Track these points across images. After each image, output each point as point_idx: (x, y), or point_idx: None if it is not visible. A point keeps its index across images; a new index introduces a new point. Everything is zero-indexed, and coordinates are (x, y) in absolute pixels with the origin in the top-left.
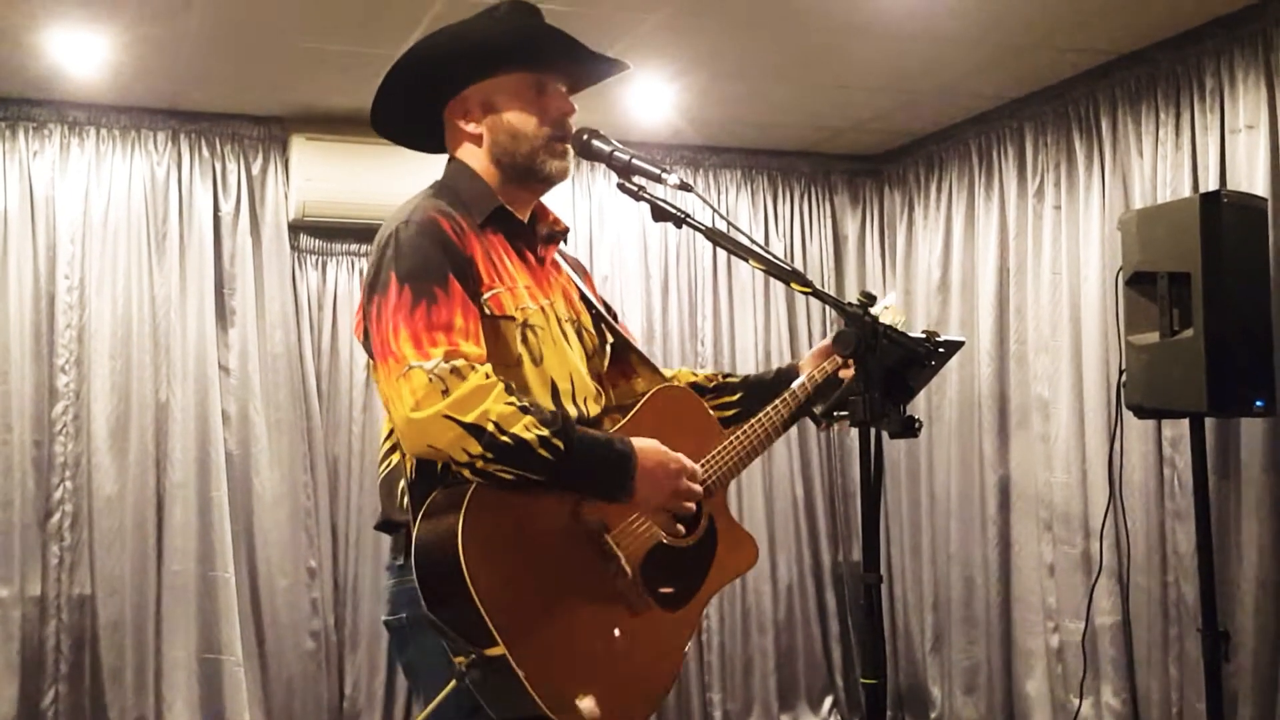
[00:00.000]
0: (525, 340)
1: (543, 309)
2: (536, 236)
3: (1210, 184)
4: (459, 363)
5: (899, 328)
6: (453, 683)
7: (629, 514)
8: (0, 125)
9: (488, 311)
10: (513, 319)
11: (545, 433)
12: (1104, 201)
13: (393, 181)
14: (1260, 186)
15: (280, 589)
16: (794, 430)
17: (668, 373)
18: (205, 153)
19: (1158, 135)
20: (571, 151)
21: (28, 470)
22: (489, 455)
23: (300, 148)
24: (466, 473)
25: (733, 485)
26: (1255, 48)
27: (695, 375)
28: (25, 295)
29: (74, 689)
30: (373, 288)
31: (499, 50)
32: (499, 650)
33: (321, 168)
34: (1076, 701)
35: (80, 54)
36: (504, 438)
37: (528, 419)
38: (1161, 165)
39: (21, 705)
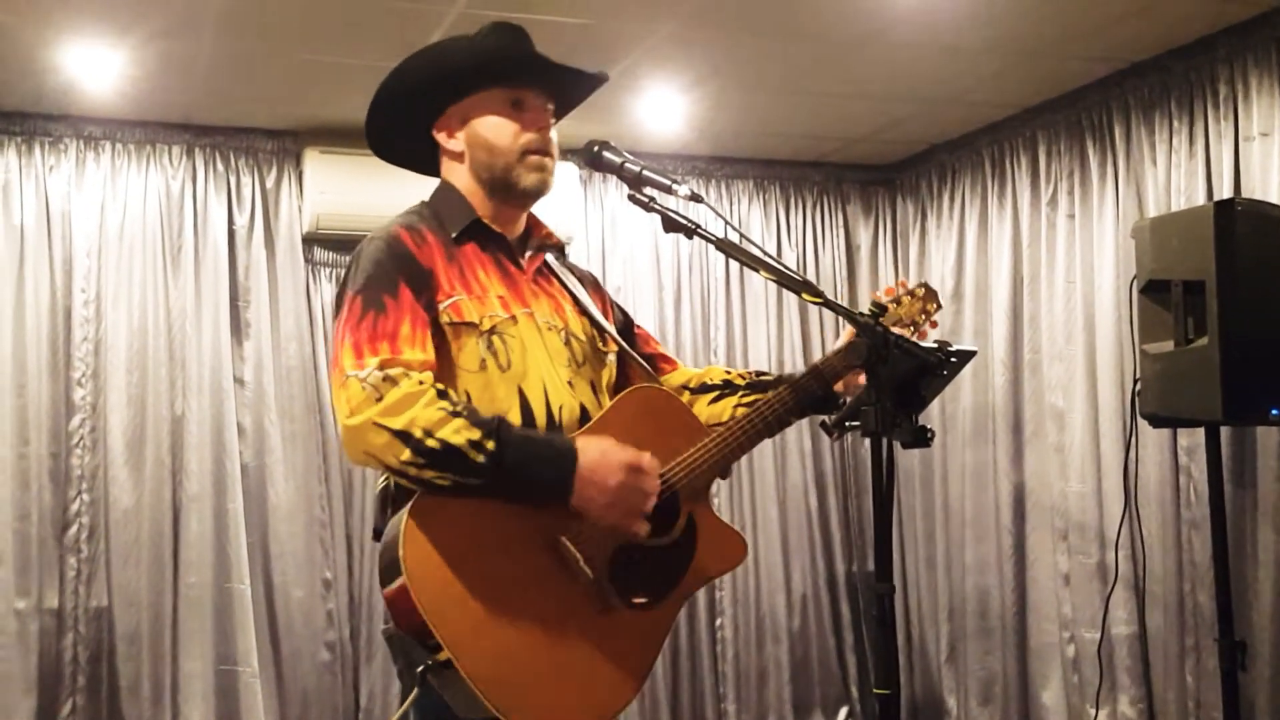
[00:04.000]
0: (491, 347)
1: (514, 317)
2: (524, 248)
3: (1224, 192)
4: (394, 370)
5: (928, 307)
6: (415, 690)
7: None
8: (17, 140)
9: (446, 319)
10: (474, 325)
11: (475, 435)
12: (1118, 210)
13: (406, 194)
14: (1275, 194)
15: (296, 600)
16: (807, 440)
17: (699, 371)
18: (220, 166)
19: (1171, 143)
20: (550, 165)
21: (44, 483)
22: (419, 461)
23: (314, 161)
24: (403, 481)
25: (745, 494)
26: (1268, 55)
27: (729, 373)
28: (42, 309)
29: (91, 701)
30: (337, 303)
31: (470, 69)
32: (445, 655)
33: (335, 180)
34: (1093, 712)
35: (96, 70)
36: (431, 441)
37: (458, 422)
38: (1175, 173)
39: (39, 718)
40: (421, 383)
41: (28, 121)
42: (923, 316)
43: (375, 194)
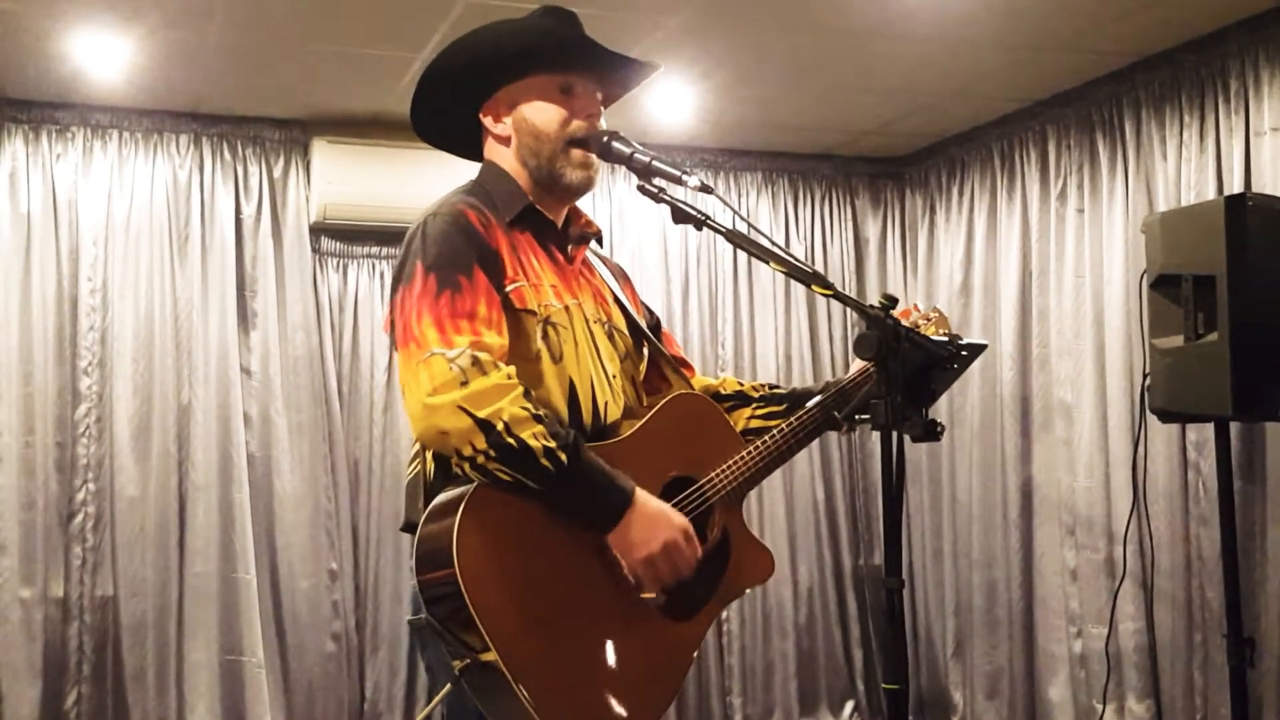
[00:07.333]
0: (545, 337)
1: (567, 308)
2: (567, 238)
3: (1235, 187)
4: (482, 355)
5: (940, 331)
6: (448, 686)
7: None
8: (24, 128)
9: (510, 304)
10: (534, 313)
11: (551, 444)
12: (1127, 204)
13: (414, 184)
14: None
15: (301, 591)
16: None
17: (714, 380)
18: (227, 155)
19: (1181, 138)
20: (596, 161)
21: (50, 472)
22: (491, 453)
23: (321, 150)
24: (467, 467)
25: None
26: None
27: (742, 384)
28: (48, 298)
29: (96, 690)
30: (399, 278)
31: (522, 52)
32: (492, 656)
33: (342, 170)
34: (1100, 708)
35: (103, 58)
36: (510, 439)
37: (539, 428)
38: (1185, 168)
39: (44, 706)
40: (510, 377)
41: (35, 109)
42: None
43: (383, 184)
